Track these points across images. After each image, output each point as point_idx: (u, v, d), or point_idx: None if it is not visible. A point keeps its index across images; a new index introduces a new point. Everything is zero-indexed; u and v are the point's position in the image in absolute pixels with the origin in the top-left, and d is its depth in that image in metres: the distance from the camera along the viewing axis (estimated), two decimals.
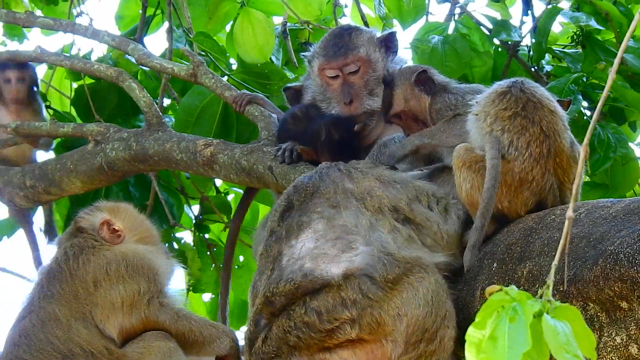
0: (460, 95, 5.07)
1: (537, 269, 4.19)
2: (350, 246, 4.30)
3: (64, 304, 4.96)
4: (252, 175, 5.81)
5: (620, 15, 6.66)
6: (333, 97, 5.72)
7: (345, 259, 4.26)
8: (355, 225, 4.40)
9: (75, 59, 6.77)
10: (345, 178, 4.63)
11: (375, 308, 4.15)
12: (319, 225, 4.43)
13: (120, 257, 5.09)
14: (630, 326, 3.87)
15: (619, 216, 4.09)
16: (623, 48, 3.03)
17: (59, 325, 4.91)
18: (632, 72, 6.48)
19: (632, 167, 6.47)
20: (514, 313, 2.41)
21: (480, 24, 6.95)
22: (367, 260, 4.24)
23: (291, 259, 4.36)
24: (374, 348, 4.13)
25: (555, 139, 4.56)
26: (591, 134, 2.90)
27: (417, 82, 5.16)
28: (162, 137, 6.18)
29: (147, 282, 5.03)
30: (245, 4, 7.01)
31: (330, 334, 4.14)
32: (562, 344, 2.38)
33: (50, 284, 5.04)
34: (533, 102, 4.60)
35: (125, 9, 7.77)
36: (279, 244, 4.48)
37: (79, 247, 5.15)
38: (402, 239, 4.44)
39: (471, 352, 2.37)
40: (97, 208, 5.38)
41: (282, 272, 4.34)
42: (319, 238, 4.38)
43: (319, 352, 4.15)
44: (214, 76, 6.32)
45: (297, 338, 4.17)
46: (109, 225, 5.24)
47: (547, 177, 4.54)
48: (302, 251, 4.35)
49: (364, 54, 5.69)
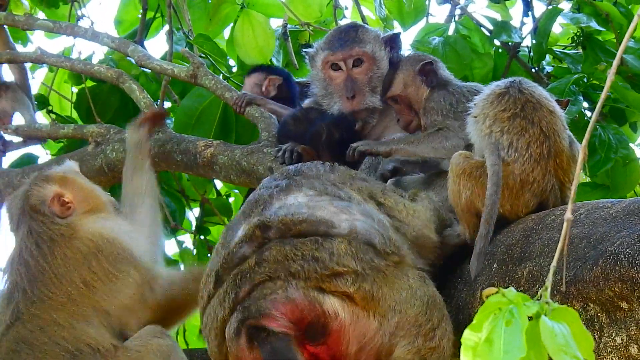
0: (455, 98, 5.05)
1: (537, 270, 4.19)
2: (347, 209, 4.23)
3: (60, 308, 4.86)
4: (252, 176, 5.81)
5: (620, 16, 6.67)
6: (335, 91, 5.70)
7: (344, 218, 4.18)
8: (347, 196, 4.35)
9: (76, 61, 6.78)
10: (328, 169, 4.60)
11: (377, 283, 4.08)
12: (309, 191, 4.34)
13: (94, 250, 4.98)
14: (630, 327, 3.87)
15: (619, 217, 4.09)
16: (622, 49, 3.03)
17: (61, 328, 4.84)
18: (632, 73, 6.49)
19: (632, 168, 6.47)
20: (511, 316, 2.40)
21: (481, 25, 6.95)
22: (366, 227, 4.18)
23: (284, 206, 4.24)
24: (361, 315, 4.07)
25: (555, 139, 4.56)
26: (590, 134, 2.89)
27: (420, 72, 5.16)
28: (162, 139, 6.19)
29: (133, 268, 4.99)
30: (246, 6, 7.02)
31: (333, 276, 4.04)
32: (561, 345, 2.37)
33: (35, 288, 4.90)
34: (532, 102, 4.59)
35: (125, 13, 7.78)
36: (262, 203, 4.31)
37: (46, 236, 5.02)
38: (388, 223, 4.38)
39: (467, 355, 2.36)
40: (46, 179, 5.23)
41: (278, 210, 4.21)
42: (312, 195, 4.30)
43: (315, 289, 4.03)
44: (214, 77, 6.32)
45: (301, 267, 4.04)
46: (60, 198, 5.13)
47: (548, 178, 4.54)
48: (297, 201, 4.26)
49: (369, 50, 5.68)
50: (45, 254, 4.98)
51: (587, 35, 6.79)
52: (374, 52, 5.68)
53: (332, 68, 5.70)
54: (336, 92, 5.69)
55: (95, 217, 5.18)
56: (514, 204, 4.54)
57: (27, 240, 5.04)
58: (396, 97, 5.22)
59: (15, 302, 4.92)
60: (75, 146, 6.89)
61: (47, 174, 5.30)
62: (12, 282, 5.00)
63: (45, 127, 6.67)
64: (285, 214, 4.18)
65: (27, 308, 4.88)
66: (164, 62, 6.62)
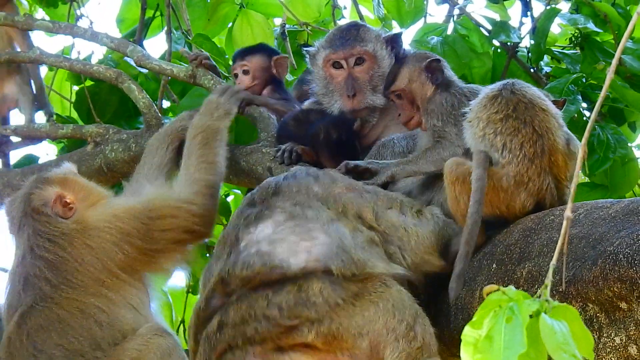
0: (457, 99, 5.04)
1: (536, 270, 4.19)
2: (310, 234, 4.26)
3: (96, 294, 4.94)
4: (251, 176, 5.81)
5: (618, 17, 6.66)
6: (336, 90, 5.68)
7: (303, 248, 4.21)
8: (315, 217, 4.36)
9: (75, 61, 6.77)
10: (312, 181, 4.59)
11: (335, 320, 4.10)
12: (280, 217, 4.38)
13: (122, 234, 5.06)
14: (629, 327, 3.87)
15: (618, 217, 4.09)
16: (621, 48, 3.03)
17: (100, 311, 4.92)
18: (630, 74, 6.49)
19: (631, 168, 6.46)
20: (511, 313, 2.41)
21: (480, 25, 6.95)
22: (325, 251, 4.20)
23: (249, 243, 4.31)
24: (328, 359, 4.11)
25: (549, 137, 4.56)
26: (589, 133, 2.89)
27: (427, 68, 5.13)
28: None
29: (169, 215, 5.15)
30: (244, 6, 7.03)
31: (288, 331, 4.08)
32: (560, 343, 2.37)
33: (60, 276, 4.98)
34: (524, 102, 4.60)
35: (126, 12, 7.77)
36: (237, 230, 4.42)
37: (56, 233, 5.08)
38: (363, 239, 4.38)
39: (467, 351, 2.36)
40: (47, 181, 5.28)
41: (239, 255, 4.29)
42: (278, 225, 4.33)
43: (274, 351, 4.09)
44: (213, 77, 6.32)
45: (255, 330, 4.11)
46: (62, 199, 5.17)
47: (544, 177, 4.53)
48: (260, 236, 4.31)
49: (371, 49, 5.67)
50: (64, 246, 5.05)
51: (585, 36, 6.79)
52: (375, 51, 5.68)
53: (333, 66, 5.70)
54: (337, 90, 5.68)
55: (98, 205, 5.25)
56: (510, 205, 4.54)
57: (36, 240, 5.09)
58: (400, 91, 5.19)
59: (37, 288, 4.97)
60: (74, 146, 6.88)
61: (47, 176, 5.34)
62: (27, 274, 5.04)
63: (44, 127, 6.67)
64: (243, 264, 4.23)
65: (57, 293, 4.95)
66: (163, 62, 6.62)
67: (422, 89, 5.14)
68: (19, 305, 4.98)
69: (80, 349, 4.83)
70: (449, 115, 4.98)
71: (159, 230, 5.12)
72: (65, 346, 4.84)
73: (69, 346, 4.84)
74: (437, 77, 5.12)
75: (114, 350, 4.84)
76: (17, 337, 4.89)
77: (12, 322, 4.97)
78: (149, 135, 6.23)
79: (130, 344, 4.85)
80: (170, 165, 5.79)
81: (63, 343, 4.84)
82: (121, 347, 4.85)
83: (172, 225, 5.15)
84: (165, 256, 5.16)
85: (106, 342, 4.84)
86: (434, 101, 5.06)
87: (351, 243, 4.28)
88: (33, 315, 4.90)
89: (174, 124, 5.92)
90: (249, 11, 6.99)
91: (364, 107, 5.63)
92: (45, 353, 4.83)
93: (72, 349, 4.84)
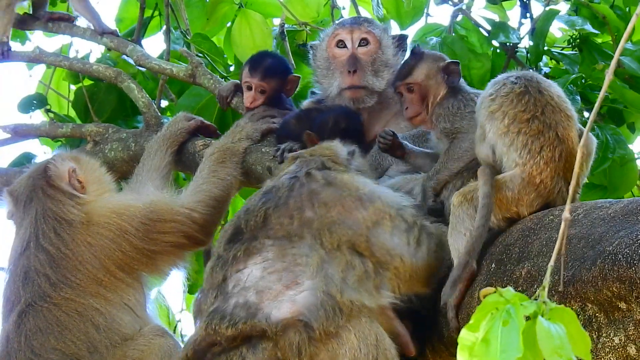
0: (464, 103, 5.03)
1: (535, 270, 4.19)
2: (296, 281, 4.24)
3: (94, 294, 4.96)
4: (250, 175, 5.80)
5: (617, 19, 6.67)
6: (337, 69, 5.67)
7: (288, 297, 4.19)
8: (307, 257, 4.31)
9: (74, 60, 6.78)
10: (305, 204, 4.49)
11: None
12: (269, 253, 4.34)
13: (120, 232, 5.11)
14: (628, 327, 3.87)
15: (618, 217, 4.09)
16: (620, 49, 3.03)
17: (98, 313, 4.93)
18: (629, 75, 6.49)
19: (630, 169, 6.47)
20: (508, 316, 2.40)
21: (479, 26, 6.95)
22: (310, 301, 4.18)
23: (237, 286, 4.29)
24: None
25: (569, 144, 4.55)
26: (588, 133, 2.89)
27: (444, 69, 5.11)
28: None
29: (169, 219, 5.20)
30: (243, 6, 7.02)
31: None
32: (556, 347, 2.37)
33: (60, 274, 4.99)
34: (552, 105, 4.59)
35: (125, 11, 7.76)
36: (225, 268, 4.39)
37: (64, 221, 5.13)
38: (355, 276, 4.34)
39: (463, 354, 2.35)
40: (62, 157, 5.40)
41: (227, 303, 4.27)
42: (266, 267, 4.30)
43: None
44: (213, 77, 6.33)
45: None
46: (75, 175, 5.28)
47: (557, 180, 4.53)
48: (249, 280, 4.28)
49: (377, 33, 5.68)
50: (66, 241, 5.06)
51: (583, 38, 6.79)
52: (381, 38, 5.68)
53: (337, 46, 5.69)
54: (338, 68, 5.67)
55: (104, 197, 5.31)
56: (519, 204, 4.54)
57: (43, 225, 5.10)
58: (414, 85, 5.13)
59: (37, 285, 4.98)
60: (73, 145, 6.88)
61: (62, 153, 5.48)
62: (28, 267, 5.04)
63: (43, 126, 6.67)
64: (230, 320, 4.20)
65: (56, 292, 4.96)
66: (162, 61, 6.62)
67: (436, 88, 5.11)
68: (18, 301, 4.98)
69: (77, 353, 4.83)
70: (455, 115, 4.98)
71: (158, 232, 5.13)
72: (62, 350, 4.84)
73: (66, 350, 4.85)
74: (453, 80, 5.10)
75: (114, 352, 4.85)
76: (15, 338, 4.89)
77: (10, 320, 4.97)
78: (148, 135, 6.23)
79: (132, 344, 4.86)
80: (169, 168, 5.83)
81: (60, 347, 4.85)
82: (123, 348, 4.85)
83: (171, 229, 5.17)
84: (162, 258, 5.18)
85: (103, 345, 4.84)
86: (442, 105, 5.04)
87: (339, 285, 4.26)
88: (31, 315, 4.90)
89: (172, 127, 5.93)
90: (248, 11, 6.98)
91: (363, 85, 5.60)
92: (42, 357, 4.83)
93: (69, 353, 4.84)
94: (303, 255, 4.31)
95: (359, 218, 4.51)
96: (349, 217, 4.50)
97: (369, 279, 4.38)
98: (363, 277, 4.36)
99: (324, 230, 4.42)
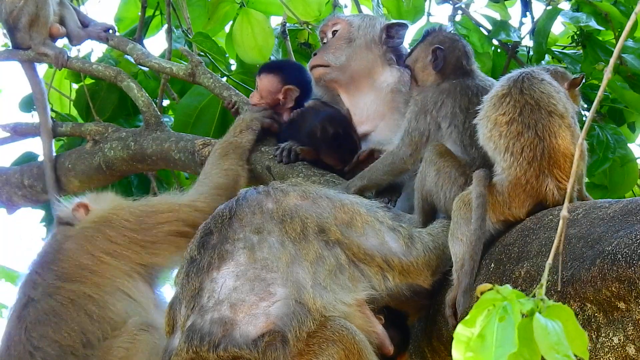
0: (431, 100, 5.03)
1: (534, 270, 4.19)
2: (269, 290, 4.20)
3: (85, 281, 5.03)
4: (250, 175, 5.80)
5: (620, 15, 6.66)
6: None
7: (262, 310, 4.16)
8: (277, 258, 4.28)
9: (74, 59, 6.78)
10: (264, 199, 4.48)
11: None
12: (241, 257, 4.31)
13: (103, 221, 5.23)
14: (627, 327, 3.86)
15: (617, 217, 4.09)
16: (619, 47, 3.03)
17: (91, 300, 4.98)
18: (631, 73, 6.49)
19: (630, 168, 6.47)
20: (504, 312, 2.40)
21: (480, 25, 6.95)
22: (283, 311, 4.15)
23: (211, 298, 4.25)
24: None
25: (550, 141, 4.52)
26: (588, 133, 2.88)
27: (432, 52, 5.13)
28: (161, 137, 6.20)
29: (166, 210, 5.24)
30: (245, 5, 7.02)
31: None
32: (553, 343, 2.36)
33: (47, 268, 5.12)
34: (530, 104, 4.56)
35: (125, 11, 7.78)
36: (200, 275, 4.34)
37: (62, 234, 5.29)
38: (326, 271, 4.32)
39: (459, 350, 2.36)
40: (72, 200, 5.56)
41: (204, 319, 4.22)
42: (239, 275, 4.26)
43: None
44: (213, 76, 6.33)
45: None
46: (80, 203, 5.43)
47: (542, 179, 4.52)
48: (222, 292, 4.24)
49: (348, 19, 5.80)
50: (57, 239, 5.24)
51: (586, 35, 6.79)
52: (352, 22, 5.75)
53: (323, 42, 5.82)
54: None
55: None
56: (512, 206, 4.54)
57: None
58: (408, 65, 5.24)
59: (32, 281, 5.10)
60: (73, 144, 6.89)
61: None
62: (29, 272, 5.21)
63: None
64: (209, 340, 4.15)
65: (45, 281, 5.06)
66: (162, 60, 6.63)
67: (423, 71, 5.12)
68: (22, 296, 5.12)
69: (72, 346, 4.86)
70: (419, 113, 4.99)
71: (155, 222, 5.18)
72: (59, 341, 4.87)
73: (63, 342, 4.87)
74: (437, 64, 5.09)
75: (102, 348, 4.86)
76: (16, 331, 4.94)
77: (13, 314, 5.05)
78: (148, 134, 6.24)
79: (116, 342, 4.87)
80: None
81: (58, 339, 4.87)
82: (108, 345, 4.86)
83: (170, 218, 5.21)
84: (165, 247, 5.20)
85: (96, 338, 4.87)
86: (417, 94, 5.07)
87: (310, 291, 4.23)
88: (31, 307, 4.98)
89: None
90: (249, 10, 6.99)
91: (320, 63, 5.66)
92: (41, 350, 4.85)
93: (65, 345, 4.86)
94: (273, 259, 4.28)
95: (324, 205, 4.51)
96: (311, 206, 4.49)
97: (343, 271, 4.36)
98: (335, 269, 4.34)
99: (286, 216, 4.40)
